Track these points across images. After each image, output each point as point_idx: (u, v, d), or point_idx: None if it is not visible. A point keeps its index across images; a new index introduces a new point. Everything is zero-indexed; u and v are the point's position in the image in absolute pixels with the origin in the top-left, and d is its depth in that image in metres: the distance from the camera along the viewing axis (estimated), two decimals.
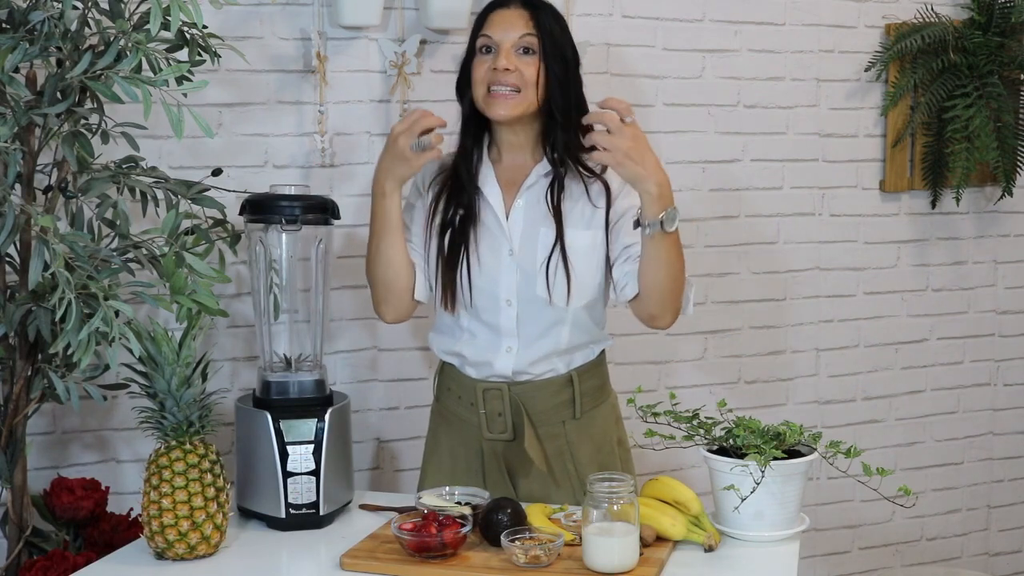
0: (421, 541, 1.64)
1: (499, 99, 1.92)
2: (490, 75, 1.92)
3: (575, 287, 1.94)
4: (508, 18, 1.95)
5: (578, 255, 1.95)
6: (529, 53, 1.93)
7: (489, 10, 1.98)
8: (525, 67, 1.92)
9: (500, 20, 1.95)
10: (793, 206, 2.95)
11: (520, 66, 1.92)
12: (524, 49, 1.93)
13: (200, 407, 1.73)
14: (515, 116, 1.93)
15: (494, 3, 1.99)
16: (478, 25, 1.98)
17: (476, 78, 1.95)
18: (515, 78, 1.91)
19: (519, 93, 1.92)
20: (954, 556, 3.23)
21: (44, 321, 1.87)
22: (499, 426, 1.99)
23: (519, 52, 1.93)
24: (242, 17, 2.44)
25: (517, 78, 1.91)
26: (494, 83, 1.92)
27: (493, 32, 1.94)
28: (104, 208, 1.92)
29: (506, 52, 1.91)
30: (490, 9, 1.98)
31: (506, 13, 1.96)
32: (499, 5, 1.98)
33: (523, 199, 1.98)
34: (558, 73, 1.94)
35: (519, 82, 1.91)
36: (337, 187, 2.53)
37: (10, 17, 1.84)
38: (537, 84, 1.92)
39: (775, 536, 1.73)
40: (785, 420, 1.80)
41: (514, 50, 1.92)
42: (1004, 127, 2.98)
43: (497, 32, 1.94)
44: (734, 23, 2.83)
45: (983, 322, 3.19)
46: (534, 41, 1.93)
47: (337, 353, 2.57)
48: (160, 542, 1.69)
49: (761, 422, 1.77)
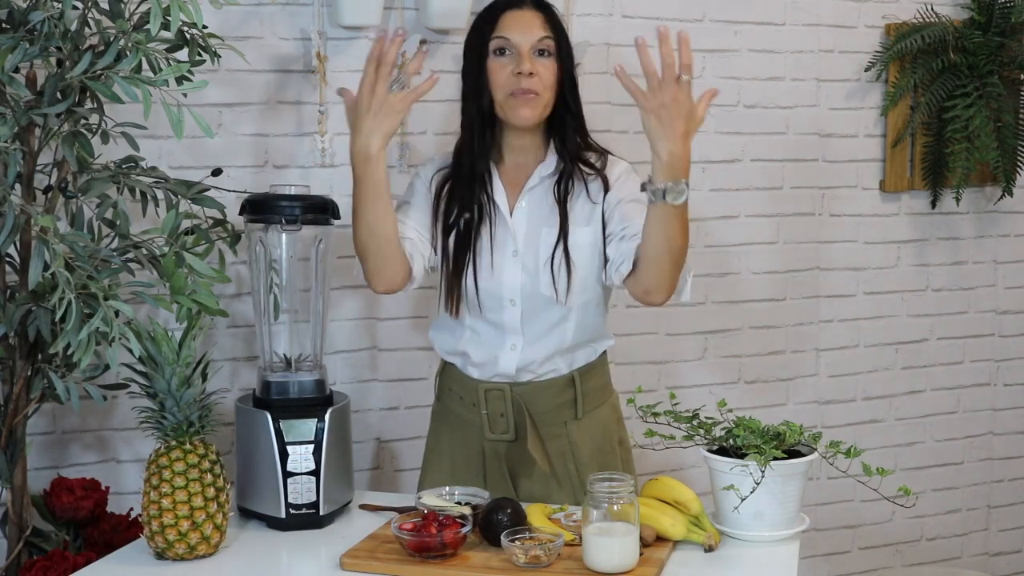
0: (421, 541, 1.64)
1: (523, 103, 1.91)
2: (512, 80, 1.91)
3: (576, 282, 1.94)
4: (524, 20, 1.93)
5: (580, 251, 1.95)
6: (545, 55, 1.93)
7: (501, 11, 1.95)
8: (543, 70, 1.92)
9: (516, 22, 1.93)
10: (793, 206, 2.95)
11: (539, 69, 1.91)
12: (540, 51, 1.92)
13: (200, 407, 1.73)
14: (537, 119, 1.93)
15: (505, 3, 1.96)
16: (489, 26, 1.94)
17: (497, 82, 1.92)
18: (536, 83, 1.90)
19: (538, 96, 1.91)
20: (954, 556, 3.23)
21: (44, 321, 1.87)
22: (501, 427, 1.98)
23: (535, 54, 1.92)
24: (242, 17, 2.44)
25: (538, 82, 1.91)
26: (518, 87, 1.90)
27: (511, 34, 1.92)
28: (104, 208, 1.92)
29: (527, 56, 1.90)
30: (502, 9, 1.95)
31: (521, 15, 1.94)
32: (512, 6, 1.95)
33: (526, 200, 1.98)
34: (570, 72, 1.96)
35: (539, 87, 1.91)
36: (337, 187, 2.52)
37: (10, 17, 1.83)
38: (554, 87, 1.93)
39: (775, 536, 1.73)
40: (785, 420, 1.80)
41: (532, 53, 1.91)
42: (1004, 127, 2.98)
43: (515, 34, 1.92)
44: (734, 23, 2.83)
45: (983, 322, 3.19)
46: (551, 44, 1.93)
47: (337, 353, 2.57)
48: (160, 542, 1.69)
49: (761, 422, 1.77)
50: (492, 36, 1.94)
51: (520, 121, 1.93)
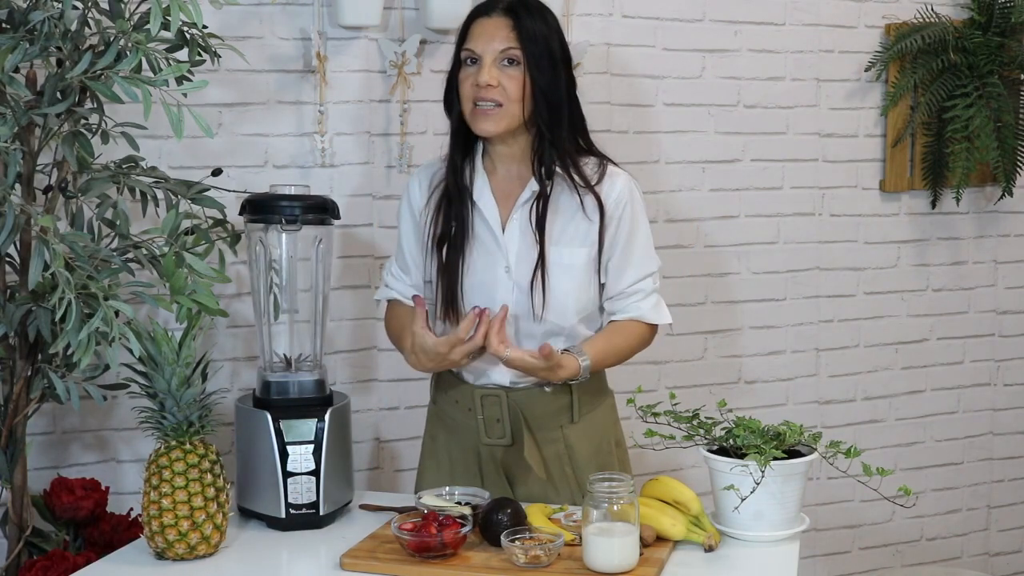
0: (421, 541, 1.64)
1: (482, 115, 1.88)
2: (473, 90, 1.88)
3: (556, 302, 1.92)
4: (489, 28, 1.89)
5: (572, 272, 1.93)
6: (513, 64, 1.88)
7: (471, 20, 1.93)
8: (508, 80, 1.88)
9: (482, 31, 1.90)
10: (793, 206, 2.95)
11: (503, 80, 1.87)
12: (508, 60, 1.88)
13: (200, 407, 1.73)
14: (500, 131, 1.90)
15: (476, 11, 1.93)
16: (462, 35, 1.93)
17: (463, 93, 1.91)
18: (497, 93, 1.87)
19: (501, 108, 1.88)
20: (954, 556, 3.23)
21: (44, 321, 1.88)
22: (497, 431, 1.97)
23: (502, 64, 1.88)
24: (242, 17, 2.44)
25: (499, 93, 1.87)
26: (478, 98, 1.88)
27: (475, 44, 1.90)
28: (104, 208, 1.92)
29: (488, 67, 1.87)
30: (472, 19, 1.93)
31: (487, 23, 1.90)
32: (481, 13, 1.92)
33: (518, 214, 1.95)
34: (543, 83, 1.89)
35: (501, 97, 1.87)
36: (337, 187, 2.53)
37: (10, 17, 1.84)
38: (522, 98, 1.89)
39: (775, 536, 1.73)
40: (785, 420, 1.80)
41: (497, 63, 1.88)
42: (1004, 127, 2.98)
43: (479, 44, 1.89)
44: (734, 23, 2.83)
45: (983, 322, 3.19)
46: (517, 53, 1.88)
47: (337, 353, 2.57)
48: (160, 542, 1.69)
49: (761, 422, 1.77)
50: (463, 46, 1.92)
51: (482, 133, 1.90)
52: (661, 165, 2.79)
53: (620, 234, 1.95)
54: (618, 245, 1.95)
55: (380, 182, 2.57)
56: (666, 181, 2.80)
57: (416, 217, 2.02)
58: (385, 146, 2.57)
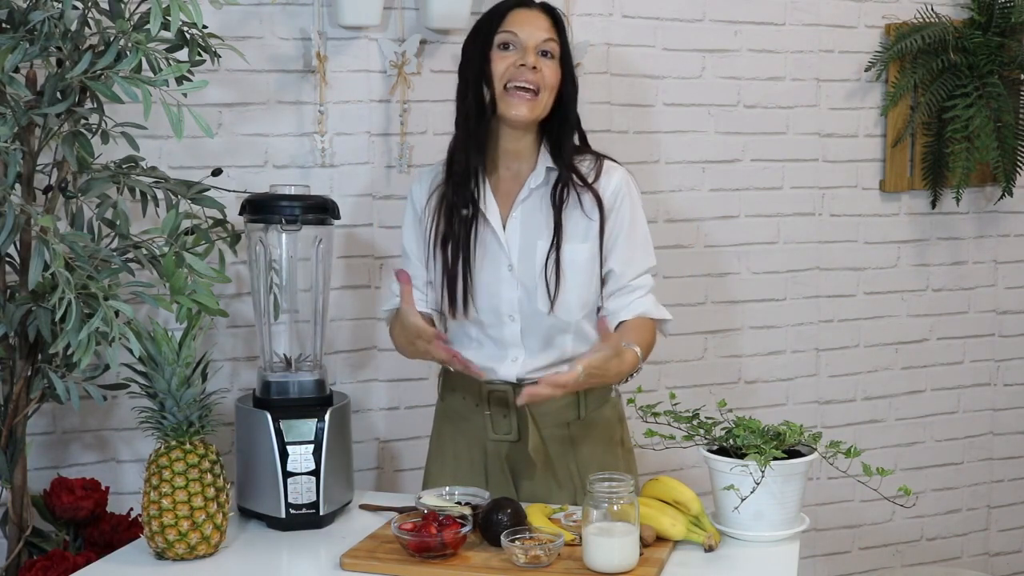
0: (421, 541, 1.64)
1: (519, 99, 1.91)
2: (513, 71, 1.91)
3: (564, 297, 1.93)
4: (531, 19, 1.95)
5: (576, 267, 1.94)
6: (548, 57, 1.94)
7: (509, 8, 1.97)
8: (546, 70, 1.93)
9: (524, 19, 1.95)
10: (793, 206, 2.95)
11: (542, 68, 1.92)
12: (544, 52, 1.93)
13: (200, 407, 1.73)
14: (531, 119, 1.93)
15: (516, 2, 1.98)
16: (496, 21, 1.96)
17: (498, 71, 1.93)
18: (539, 79, 1.91)
19: (537, 95, 1.92)
20: (954, 556, 3.23)
21: (44, 321, 1.88)
22: (504, 427, 1.98)
23: (539, 54, 1.93)
24: (242, 17, 2.44)
25: (540, 79, 1.92)
26: (516, 79, 1.91)
27: (518, 29, 1.93)
28: (104, 208, 1.92)
29: (532, 51, 1.92)
30: (510, 7, 1.97)
31: (528, 13, 1.96)
32: (521, 4, 1.97)
33: (519, 212, 1.97)
34: (570, 80, 1.97)
35: (540, 83, 1.92)
36: (337, 187, 2.53)
37: (10, 17, 1.84)
38: (556, 89, 1.94)
39: (775, 536, 1.73)
40: (785, 420, 1.80)
41: (537, 51, 1.93)
42: (1004, 127, 2.98)
43: (523, 30, 1.93)
44: (734, 23, 2.83)
45: (983, 322, 3.19)
46: (555, 46, 1.94)
47: (337, 353, 2.57)
48: (160, 542, 1.69)
49: (761, 422, 1.77)
50: (499, 30, 1.95)
51: (515, 116, 1.92)
52: (661, 165, 2.79)
53: (621, 224, 1.97)
54: (620, 235, 1.97)
55: (380, 182, 2.57)
56: (666, 181, 2.80)
57: (419, 212, 2.03)
58: (385, 146, 2.57)
